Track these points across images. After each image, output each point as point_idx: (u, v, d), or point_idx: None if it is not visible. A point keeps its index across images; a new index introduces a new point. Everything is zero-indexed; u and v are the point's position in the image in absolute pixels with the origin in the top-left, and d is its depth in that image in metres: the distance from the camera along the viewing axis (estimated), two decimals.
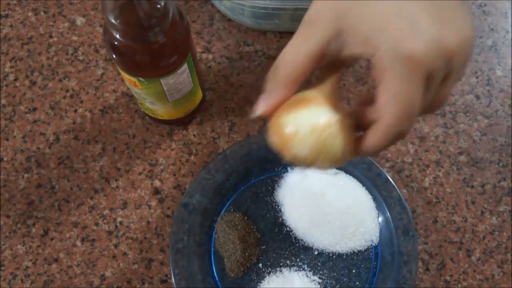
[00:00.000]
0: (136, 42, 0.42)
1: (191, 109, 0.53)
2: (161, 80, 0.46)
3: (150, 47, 0.42)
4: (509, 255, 0.50)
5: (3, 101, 0.57)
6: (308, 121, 0.32)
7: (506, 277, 0.50)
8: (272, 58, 0.59)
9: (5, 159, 0.54)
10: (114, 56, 0.44)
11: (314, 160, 0.33)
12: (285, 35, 0.60)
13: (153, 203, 0.52)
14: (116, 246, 0.51)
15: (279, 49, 0.59)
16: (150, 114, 0.53)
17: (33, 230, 0.51)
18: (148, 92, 0.47)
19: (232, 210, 0.51)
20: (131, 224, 0.51)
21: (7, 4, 0.61)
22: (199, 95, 0.53)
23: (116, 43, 0.43)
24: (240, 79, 0.58)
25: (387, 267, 0.48)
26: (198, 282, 0.48)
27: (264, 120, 0.55)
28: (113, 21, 0.40)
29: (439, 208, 0.52)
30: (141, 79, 0.45)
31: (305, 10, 0.57)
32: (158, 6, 0.41)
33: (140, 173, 0.54)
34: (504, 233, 0.51)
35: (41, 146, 0.55)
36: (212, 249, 0.50)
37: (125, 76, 0.46)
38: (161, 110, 0.51)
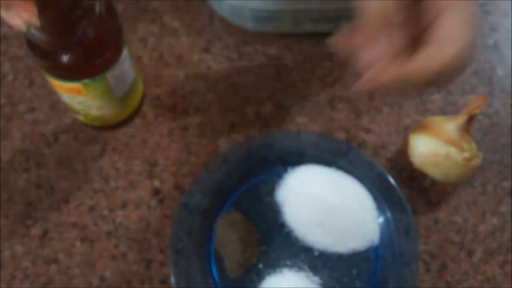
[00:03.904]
0: (75, 38, 0.39)
1: (138, 102, 0.51)
2: (107, 74, 0.42)
3: (92, 38, 0.40)
4: (510, 255, 0.50)
5: (2, 101, 0.56)
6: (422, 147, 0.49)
7: (507, 278, 0.49)
8: (272, 58, 0.59)
9: (4, 159, 0.54)
10: (49, 66, 0.41)
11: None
12: (286, 35, 0.60)
13: (153, 203, 0.52)
14: (115, 246, 0.51)
15: (279, 49, 0.59)
16: (97, 124, 0.50)
17: (32, 230, 0.51)
18: (94, 94, 0.44)
19: (232, 210, 0.51)
20: (131, 225, 0.51)
21: None
22: (140, 84, 0.51)
23: (51, 50, 0.39)
24: (240, 79, 0.58)
25: (388, 267, 0.48)
26: (198, 282, 0.47)
27: (263, 120, 0.55)
28: (42, 28, 0.37)
29: (440, 209, 0.52)
30: (86, 81, 0.42)
31: (306, 12, 0.57)
32: None
33: (140, 173, 0.53)
34: (506, 234, 0.51)
35: (40, 146, 0.54)
36: (212, 249, 0.49)
37: (66, 86, 0.42)
38: (109, 112, 0.48)
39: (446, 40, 0.31)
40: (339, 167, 0.52)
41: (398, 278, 0.47)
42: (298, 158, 0.52)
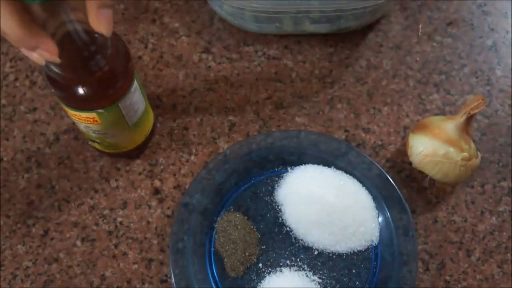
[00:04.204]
0: (90, 73, 0.41)
1: (149, 130, 0.53)
2: (119, 104, 0.45)
3: (105, 71, 0.42)
4: (509, 255, 0.51)
5: (3, 101, 0.57)
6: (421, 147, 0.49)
7: (506, 277, 0.50)
8: (272, 58, 0.59)
9: (5, 159, 0.54)
10: (67, 98, 0.43)
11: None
12: (286, 35, 0.60)
13: (153, 203, 0.52)
14: (116, 246, 0.51)
15: (279, 49, 0.59)
16: (111, 151, 0.52)
17: (33, 230, 0.51)
18: (108, 123, 0.46)
19: (232, 210, 0.51)
20: (131, 224, 0.52)
21: None
22: (151, 113, 0.53)
23: (67, 83, 0.42)
24: (240, 79, 0.58)
25: (387, 267, 0.48)
26: (198, 282, 0.48)
27: (263, 120, 0.56)
28: (59, 64, 0.39)
29: (439, 208, 0.52)
30: (100, 111, 0.44)
31: (306, 13, 0.57)
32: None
33: (140, 173, 0.54)
34: (504, 233, 0.51)
35: (41, 146, 0.55)
36: (212, 249, 0.50)
37: (82, 115, 0.45)
38: (123, 140, 0.50)
39: None
40: (339, 167, 0.52)
41: (397, 278, 0.48)
42: (298, 158, 0.53)
